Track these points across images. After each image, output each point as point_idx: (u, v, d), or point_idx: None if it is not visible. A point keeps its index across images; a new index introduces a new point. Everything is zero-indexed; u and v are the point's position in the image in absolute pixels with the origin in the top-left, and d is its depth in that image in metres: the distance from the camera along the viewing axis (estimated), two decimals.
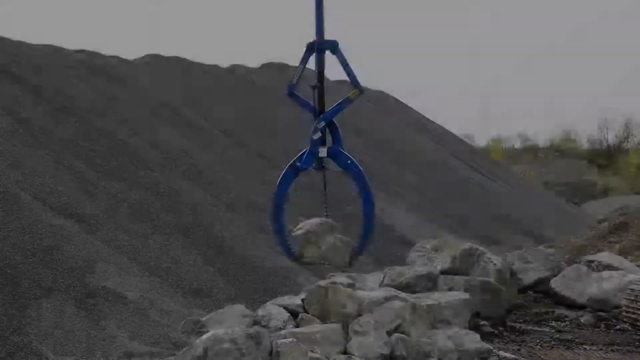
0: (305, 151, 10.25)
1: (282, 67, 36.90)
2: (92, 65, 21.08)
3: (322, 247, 9.99)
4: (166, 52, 28.85)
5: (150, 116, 19.66)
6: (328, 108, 10.42)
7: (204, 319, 9.08)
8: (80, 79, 19.77)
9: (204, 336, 7.43)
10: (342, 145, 10.48)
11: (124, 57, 25.11)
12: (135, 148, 16.80)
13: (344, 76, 10.06)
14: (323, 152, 10.41)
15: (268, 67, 37.27)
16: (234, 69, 30.37)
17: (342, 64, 10.38)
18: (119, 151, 16.32)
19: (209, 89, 25.67)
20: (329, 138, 10.42)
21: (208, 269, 13.17)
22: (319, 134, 10.33)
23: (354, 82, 10.32)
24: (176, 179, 16.40)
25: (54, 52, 20.83)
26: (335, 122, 10.49)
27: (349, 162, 10.39)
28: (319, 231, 10.20)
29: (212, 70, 28.18)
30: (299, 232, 10.16)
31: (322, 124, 10.31)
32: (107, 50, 27.70)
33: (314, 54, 10.37)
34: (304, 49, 10.40)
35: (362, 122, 30.33)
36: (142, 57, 26.87)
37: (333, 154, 10.40)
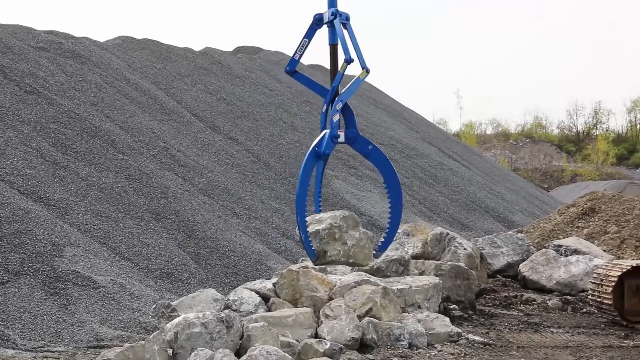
0: (325, 135, 9.45)
1: (256, 51, 36.71)
2: (62, 47, 20.75)
3: (348, 243, 9.13)
4: (138, 34, 28.57)
5: (121, 99, 19.44)
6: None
7: (174, 303, 9.06)
8: (50, 60, 19.46)
9: (175, 320, 7.41)
10: (357, 129, 9.73)
11: (94, 38, 24.78)
12: (106, 131, 16.61)
13: (318, 60, 9.84)
14: (341, 136, 9.61)
15: (242, 50, 37.07)
16: (207, 52, 30.11)
17: (351, 39, 9.66)
18: (89, 134, 16.13)
19: (182, 72, 25.45)
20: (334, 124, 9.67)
21: (179, 253, 13.11)
22: (337, 116, 9.55)
23: (361, 62, 9.61)
24: (147, 162, 16.27)
25: (23, 33, 20.46)
26: (349, 104, 9.83)
27: (370, 147, 9.67)
28: (343, 225, 9.21)
29: (185, 53, 27.91)
30: (319, 226, 9.07)
31: (340, 104, 9.62)
32: (77, 31, 27.28)
33: (318, 28, 9.81)
34: (310, 21, 9.77)
35: None
36: (114, 39, 26.53)
37: (352, 139, 9.68)
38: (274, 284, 9.74)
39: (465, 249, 12.82)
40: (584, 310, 12.04)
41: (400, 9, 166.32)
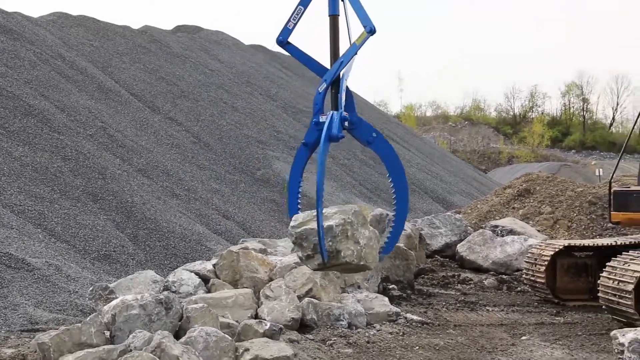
0: (333, 118, 8.46)
1: (196, 30, 36.21)
2: None
3: (360, 241, 8.21)
4: (73, 10, 27.83)
5: (56, 77, 18.93)
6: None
7: (112, 285, 8.92)
8: None
9: (113, 302, 7.29)
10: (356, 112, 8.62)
11: (27, 14, 24.03)
12: (40, 110, 16.17)
13: (258, 40, 9.45)
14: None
15: (181, 29, 36.50)
16: (146, 30, 29.56)
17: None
18: (22, 113, 15.68)
19: (120, 51, 24.93)
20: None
21: (117, 234, 12.91)
22: (344, 96, 8.60)
23: (365, 20, 8.64)
24: (84, 142, 15.92)
25: None
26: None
27: (374, 134, 8.64)
28: (355, 222, 8.17)
29: (122, 31, 27.35)
30: (331, 222, 7.93)
31: (346, 82, 8.71)
32: (9, 6, 26.41)
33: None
34: None
35: (275, 87, 30.20)
36: (48, 15, 25.79)
37: (355, 124, 8.69)
38: (213, 265, 9.69)
39: (404, 229, 12.98)
40: (519, 289, 12.36)
41: None
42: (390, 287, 11.00)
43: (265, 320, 7.96)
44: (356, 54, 8.91)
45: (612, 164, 39.98)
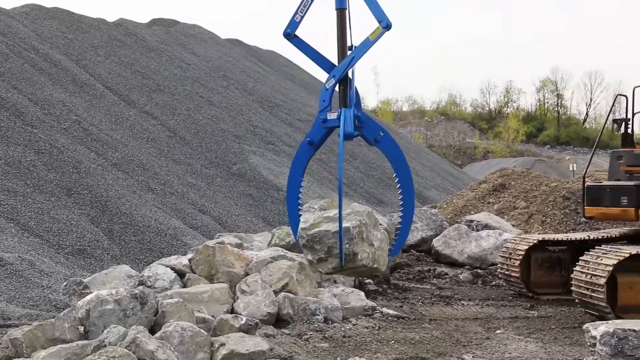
0: (347, 116, 8.08)
1: (172, 23, 35.98)
2: None
3: (374, 243, 8.01)
4: (47, 2, 27.49)
5: (30, 70, 18.70)
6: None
7: (86, 280, 8.84)
8: None
9: (87, 297, 7.23)
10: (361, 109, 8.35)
11: (0, 5, 23.70)
12: (13, 103, 15.96)
13: (235, 34, 9.26)
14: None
15: (157, 22, 36.23)
16: (121, 24, 29.29)
17: None
18: None
19: (95, 44, 24.68)
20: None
21: (92, 229, 12.80)
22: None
23: (380, 15, 8.19)
24: (58, 136, 15.75)
25: None
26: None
27: (381, 133, 8.26)
28: (369, 223, 8.00)
29: (97, 24, 27.07)
30: (347, 224, 7.68)
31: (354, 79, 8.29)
32: None
33: None
34: None
35: (252, 81, 30.11)
36: (21, 7, 25.44)
37: (363, 122, 8.26)
38: (189, 260, 9.64)
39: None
40: (493, 283, 12.47)
41: None
42: (367, 281, 11.03)
43: (241, 315, 7.94)
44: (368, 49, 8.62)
45: (585, 159, 40.40)
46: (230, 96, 26.16)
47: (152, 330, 6.85)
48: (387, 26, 8.11)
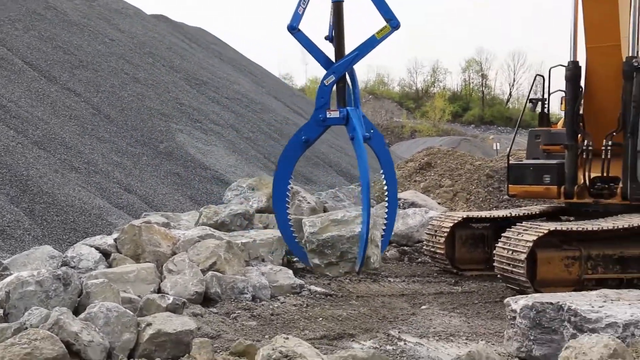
0: (357, 117, 8.07)
1: None
2: None
3: (378, 244, 8.24)
4: None
5: None
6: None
7: (6, 261, 8.61)
8: None
9: (7, 279, 7.03)
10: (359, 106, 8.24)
11: None
12: None
13: (160, 10, 9.04)
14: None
15: None
16: None
17: None
18: None
19: (12, 17, 23.75)
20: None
21: (12, 208, 12.41)
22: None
23: (387, 12, 8.23)
24: None
25: None
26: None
27: (372, 130, 8.38)
28: (372, 224, 8.09)
29: None
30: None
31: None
32: None
33: None
34: None
35: (178, 58, 29.62)
36: None
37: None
38: (115, 240, 9.48)
39: (308, 202, 13.07)
40: (419, 260, 12.70)
41: None
42: (295, 259, 11.08)
43: (168, 294, 7.88)
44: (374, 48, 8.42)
45: (508, 139, 41.45)
46: (156, 73, 25.66)
47: (77, 312, 6.71)
48: (397, 26, 8.24)
